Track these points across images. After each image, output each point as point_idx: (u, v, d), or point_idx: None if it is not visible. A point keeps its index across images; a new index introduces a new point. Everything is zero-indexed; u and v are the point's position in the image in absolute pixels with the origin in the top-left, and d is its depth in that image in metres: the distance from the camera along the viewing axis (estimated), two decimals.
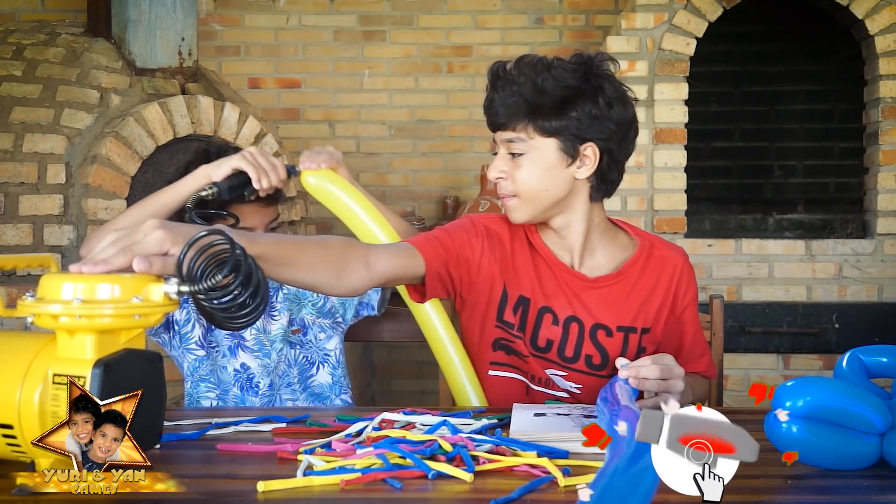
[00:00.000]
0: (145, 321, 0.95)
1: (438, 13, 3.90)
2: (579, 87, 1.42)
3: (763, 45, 3.87)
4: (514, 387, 1.54)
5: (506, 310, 1.51)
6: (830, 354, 3.09)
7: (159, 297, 0.96)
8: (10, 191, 2.61)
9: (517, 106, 1.43)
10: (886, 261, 3.13)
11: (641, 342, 1.51)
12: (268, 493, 0.96)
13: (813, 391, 1.01)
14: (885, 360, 1.18)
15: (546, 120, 1.42)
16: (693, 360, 1.56)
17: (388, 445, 1.09)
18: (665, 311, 1.52)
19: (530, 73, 1.43)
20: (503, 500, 0.92)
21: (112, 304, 0.94)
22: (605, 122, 1.43)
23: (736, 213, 3.68)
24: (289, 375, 1.79)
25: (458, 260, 1.49)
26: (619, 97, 1.45)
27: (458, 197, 3.79)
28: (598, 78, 1.43)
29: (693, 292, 1.56)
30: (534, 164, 1.44)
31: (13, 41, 2.92)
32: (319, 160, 1.60)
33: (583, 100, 1.41)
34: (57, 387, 0.91)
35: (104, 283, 0.94)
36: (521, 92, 1.42)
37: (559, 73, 1.42)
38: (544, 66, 1.43)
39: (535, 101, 1.42)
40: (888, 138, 3.16)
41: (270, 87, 3.90)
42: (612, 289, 1.50)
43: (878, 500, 0.95)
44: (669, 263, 1.53)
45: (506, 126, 1.45)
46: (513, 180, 1.46)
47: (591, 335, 1.50)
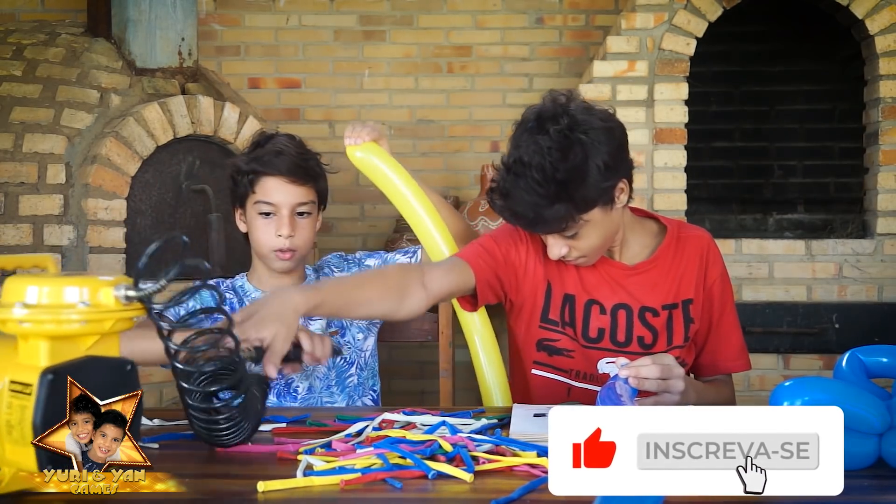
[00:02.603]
0: (97, 327, 0.91)
1: (438, 13, 3.89)
2: (584, 155, 1.41)
3: (763, 45, 3.87)
4: (555, 387, 1.59)
5: (550, 309, 1.58)
6: (830, 354, 3.09)
7: (109, 301, 0.92)
8: (10, 191, 2.61)
9: (557, 213, 1.42)
10: (886, 261, 3.13)
11: (690, 313, 1.58)
12: (268, 493, 0.96)
13: (811, 391, 1.01)
14: (885, 360, 1.18)
15: (583, 202, 1.42)
16: (722, 341, 1.61)
17: (388, 445, 1.09)
18: (701, 283, 1.59)
19: (538, 176, 1.39)
20: (503, 500, 0.92)
21: (58, 310, 0.90)
22: (618, 157, 1.46)
23: (736, 213, 3.68)
24: (328, 378, 1.74)
25: (505, 264, 1.57)
26: (608, 127, 1.45)
27: (458, 197, 3.79)
28: (583, 124, 1.42)
29: (721, 267, 1.62)
30: (591, 232, 1.48)
31: (13, 41, 2.92)
32: (363, 134, 1.66)
33: (592, 158, 1.41)
34: (12, 394, 0.88)
35: (54, 286, 0.90)
36: (547, 203, 1.41)
37: (557, 156, 1.39)
38: (542, 161, 1.39)
39: (565, 196, 1.41)
40: (888, 138, 3.16)
41: (270, 87, 3.90)
42: (652, 273, 1.58)
43: (877, 500, 0.95)
44: (696, 241, 1.61)
45: (553, 231, 1.47)
46: (578, 250, 1.50)
47: (640, 318, 1.57)
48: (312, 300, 1.31)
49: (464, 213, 3.39)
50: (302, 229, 1.68)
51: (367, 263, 1.80)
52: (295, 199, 1.67)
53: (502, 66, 3.89)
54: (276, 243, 1.67)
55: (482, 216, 3.34)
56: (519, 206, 1.43)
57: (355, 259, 1.82)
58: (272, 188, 1.66)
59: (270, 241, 1.67)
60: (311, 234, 1.72)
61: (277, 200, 1.66)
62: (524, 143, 1.43)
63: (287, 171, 1.66)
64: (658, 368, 1.30)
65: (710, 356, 1.63)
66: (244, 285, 1.77)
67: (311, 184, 1.69)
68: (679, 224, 1.64)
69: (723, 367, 1.64)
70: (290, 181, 1.66)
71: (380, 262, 1.79)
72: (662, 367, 1.30)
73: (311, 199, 1.70)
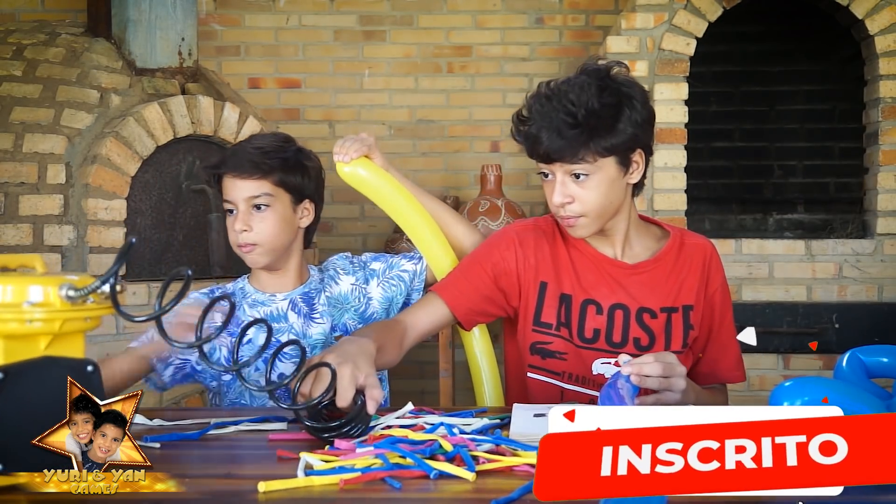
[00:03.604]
0: (48, 326, 0.90)
1: (438, 13, 3.90)
2: (618, 101, 1.45)
3: (763, 45, 3.87)
4: (549, 391, 1.60)
5: (543, 312, 1.59)
6: (830, 354, 3.09)
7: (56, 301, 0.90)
8: (10, 191, 2.61)
9: (577, 137, 1.44)
10: (886, 261, 3.13)
11: (689, 319, 1.58)
12: (268, 493, 0.96)
13: (810, 391, 1.01)
14: (885, 360, 1.18)
15: (604, 139, 1.45)
16: (720, 352, 1.62)
17: (388, 445, 1.09)
18: (702, 290, 1.60)
19: (574, 97, 1.44)
20: (503, 500, 0.92)
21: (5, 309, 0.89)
22: (645, 126, 1.49)
23: (736, 213, 3.68)
24: None
25: (498, 276, 1.60)
26: (645, 98, 1.50)
27: (458, 197, 3.79)
28: (623, 85, 1.47)
29: (722, 277, 1.63)
30: (600, 184, 1.48)
31: (13, 41, 2.92)
32: (350, 151, 1.66)
33: (627, 111, 1.45)
34: None
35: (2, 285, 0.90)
36: (575, 122, 1.43)
37: (595, 91, 1.44)
38: (580, 88, 1.45)
39: (592, 126, 1.44)
40: (888, 138, 3.16)
41: (270, 87, 3.90)
42: (653, 273, 1.58)
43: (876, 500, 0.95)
44: (699, 249, 1.62)
45: (567, 157, 1.46)
46: (580, 202, 1.49)
47: (636, 318, 1.57)
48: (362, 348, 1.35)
49: (464, 213, 3.39)
50: (259, 222, 1.64)
51: (373, 267, 1.78)
52: (245, 192, 1.65)
53: (502, 66, 3.90)
54: (235, 239, 1.67)
55: (482, 216, 3.34)
56: (544, 121, 1.45)
57: (361, 262, 1.80)
58: (227, 186, 1.67)
59: (233, 238, 1.68)
60: (274, 226, 1.65)
61: (232, 197, 1.66)
62: (562, 80, 1.49)
63: (234, 167, 1.65)
64: (660, 366, 1.30)
65: (709, 366, 1.64)
66: (245, 287, 1.76)
67: (267, 177, 1.65)
68: (682, 231, 1.65)
69: (721, 377, 1.65)
70: (238, 176, 1.65)
71: (385, 266, 1.77)
72: (665, 364, 1.31)
73: (266, 191, 1.65)
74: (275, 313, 1.70)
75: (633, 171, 1.51)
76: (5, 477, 0.91)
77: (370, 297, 1.75)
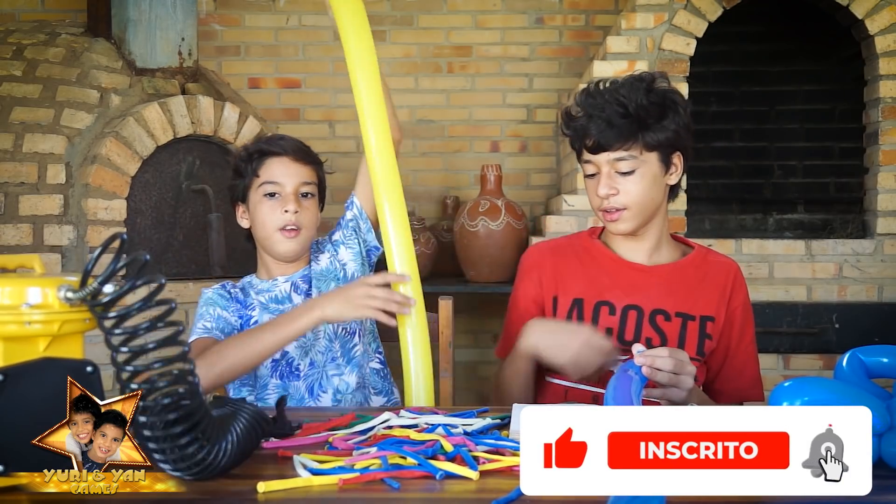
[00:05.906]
0: (47, 328, 0.91)
1: (438, 13, 3.90)
2: (664, 102, 1.52)
3: (763, 45, 3.87)
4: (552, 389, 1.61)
5: (555, 316, 1.62)
6: (830, 354, 3.09)
7: (53, 302, 0.91)
8: (10, 191, 2.61)
9: (628, 126, 1.50)
10: (886, 261, 3.13)
11: (707, 329, 1.58)
12: (268, 493, 0.96)
13: (810, 391, 1.01)
14: (885, 360, 1.18)
15: (652, 133, 1.51)
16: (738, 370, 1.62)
17: (389, 446, 1.09)
18: (724, 305, 1.60)
19: (625, 92, 1.51)
20: (503, 500, 0.92)
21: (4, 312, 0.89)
22: (686, 131, 1.56)
23: (736, 213, 3.68)
24: (332, 350, 1.75)
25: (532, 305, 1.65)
26: (686, 106, 1.56)
27: (458, 197, 3.79)
28: (668, 91, 1.55)
29: (745, 295, 1.64)
30: (643, 178, 1.53)
31: (13, 41, 2.92)
32: None
33: (671, 113, 1.52)
34: None
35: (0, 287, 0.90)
36: (626, 112, 1.50)
37: (644, 90, 1.52)
38: (630, 86, 1.52)
39: (641, 118, 1.50)
40: (888, 138, 3.15)
41: (270, 87, 3.90)
42: (671, 277, 1.60)
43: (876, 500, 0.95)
44: (724, 267, 1.64)
45: (615, 146, 1.52)
46: (625, 194, 1.54)
47: (650, 320, 1.57)
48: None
49: (464, 212, 3.39)
50: (306, 209, 1.73)
51: (335, 238, 1.84)
52: (299, 178, 1.72)
53: (502, 66, 3.89)
54: (281, 220, 1.70)
55: (482, 216, 3.33)
56: (595, 111, 1.51)
57: (328, 238, 1.86)
58: (277, 168, 1.70)
59: (276, 220, 1.70)
60: (315, 217, 1.76)
61: (282, 180, 1.70)
62: (611, 80, 1.56)
63: (291, 150, 1.72)
64: (672, 362, 1.32)
65: (726, 383, 1.63)
66: (252, 280, 1.80)
67: (313, 166, 1.75)
68: (707, 249, 1.69)
69: (737, 395, 1.63)
70: (293, 160, 1.71)
71: (340, 230, 1.84)
72: (677, 361, 1.33)
73: (314, 180, 1.75)
74: (279, 296, 1.76)
75: (673, 172, 1.57)
76: (6, 478, 0.91)
77: (344, 262, 1.81)
